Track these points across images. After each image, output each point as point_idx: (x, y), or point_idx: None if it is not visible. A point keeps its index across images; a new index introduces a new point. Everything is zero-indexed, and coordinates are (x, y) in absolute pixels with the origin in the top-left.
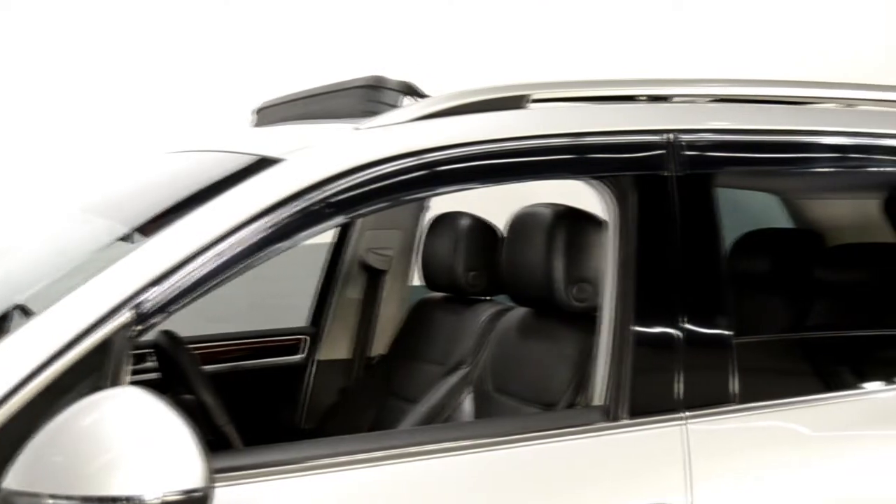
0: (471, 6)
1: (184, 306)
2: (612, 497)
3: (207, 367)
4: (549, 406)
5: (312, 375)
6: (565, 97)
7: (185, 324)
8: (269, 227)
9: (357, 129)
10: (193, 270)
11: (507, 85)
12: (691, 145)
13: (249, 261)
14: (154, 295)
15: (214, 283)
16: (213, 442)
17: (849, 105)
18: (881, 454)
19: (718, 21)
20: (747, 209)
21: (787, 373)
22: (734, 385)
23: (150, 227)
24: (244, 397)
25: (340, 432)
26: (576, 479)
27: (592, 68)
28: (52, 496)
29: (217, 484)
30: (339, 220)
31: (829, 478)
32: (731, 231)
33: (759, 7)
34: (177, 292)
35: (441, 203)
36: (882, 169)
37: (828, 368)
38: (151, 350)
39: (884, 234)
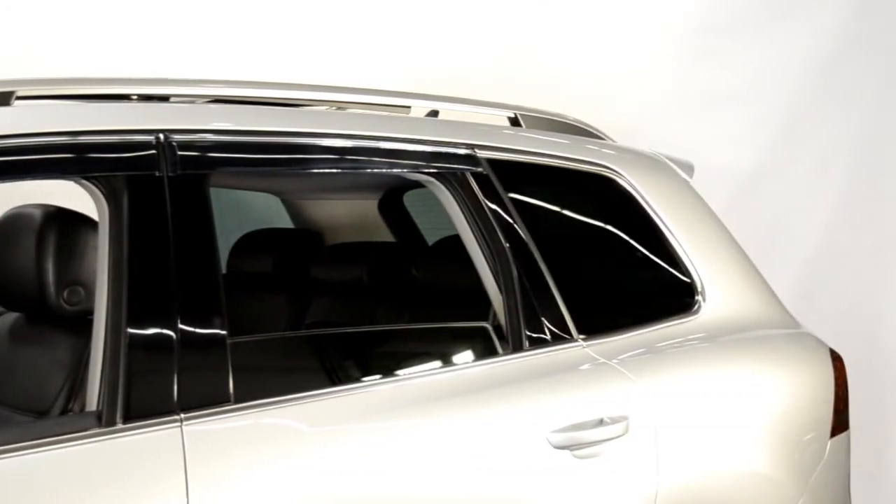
0: None
1: None
2: None
3: None
4: (41, 414)
5: None
6: (55, 94)
7: None
8: None
9: None
10: None
11: None
12: (184, 146)
13: None
14: None
15: None
16: None
17: (340, 108)
18: (375, 444)
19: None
20: (249, 210)
21: (284, 370)
22: (230, 385)
23: None
24: None
25: None
26: (67, 489)
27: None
28: None
29: None
30: None
31: (325, 470)
32: (233, 231)
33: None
34: None
35: None
36: (374, 170)
37: (325, 364)
38: None
39: (379, 233)
